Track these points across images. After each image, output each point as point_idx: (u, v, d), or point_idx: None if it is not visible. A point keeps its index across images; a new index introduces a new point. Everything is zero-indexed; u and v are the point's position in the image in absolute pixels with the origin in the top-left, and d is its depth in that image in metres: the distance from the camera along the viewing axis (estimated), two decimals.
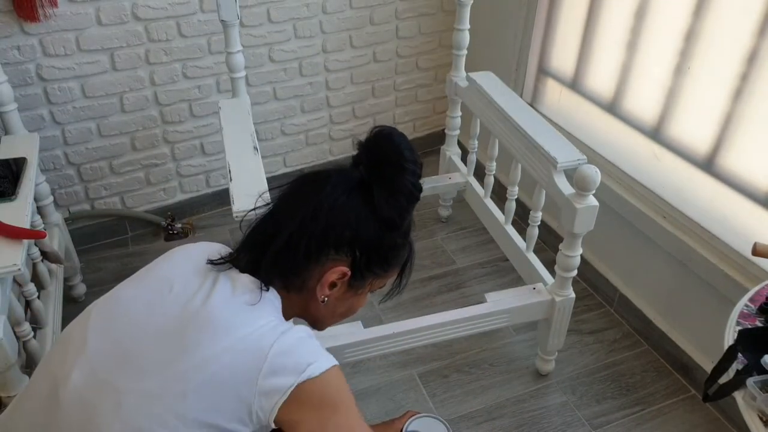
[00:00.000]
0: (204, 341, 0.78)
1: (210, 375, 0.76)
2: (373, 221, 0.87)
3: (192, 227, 2.28)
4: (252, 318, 0.81)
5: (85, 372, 0.79)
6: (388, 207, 0.87)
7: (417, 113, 2.61)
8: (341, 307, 0.96)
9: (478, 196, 2.01)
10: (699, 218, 1.60)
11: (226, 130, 1.49)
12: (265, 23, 2.09)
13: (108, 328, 0.83)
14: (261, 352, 0.78)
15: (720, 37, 1.45)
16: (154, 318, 0.82)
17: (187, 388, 0.75)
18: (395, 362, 1.76)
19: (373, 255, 0.89)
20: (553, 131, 1.55)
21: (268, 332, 0.80)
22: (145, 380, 0.77)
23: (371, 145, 0.90)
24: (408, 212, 0.90)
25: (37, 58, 1.83)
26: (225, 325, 0.80)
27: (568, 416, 1.62)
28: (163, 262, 0.92)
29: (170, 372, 0.76)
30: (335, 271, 0.87)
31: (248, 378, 0.76)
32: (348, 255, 0.88)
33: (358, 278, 0.91)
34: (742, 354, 0.95)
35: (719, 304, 1.54)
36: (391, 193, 0.87)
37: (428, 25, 2.39)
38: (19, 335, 1.38)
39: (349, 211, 0.86)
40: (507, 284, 2.01)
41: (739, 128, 1.46)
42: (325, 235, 0.85)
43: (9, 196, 1.41)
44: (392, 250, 0.92)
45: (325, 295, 0.90)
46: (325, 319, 0.98)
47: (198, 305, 0.81)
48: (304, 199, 0.87)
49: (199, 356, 0.77)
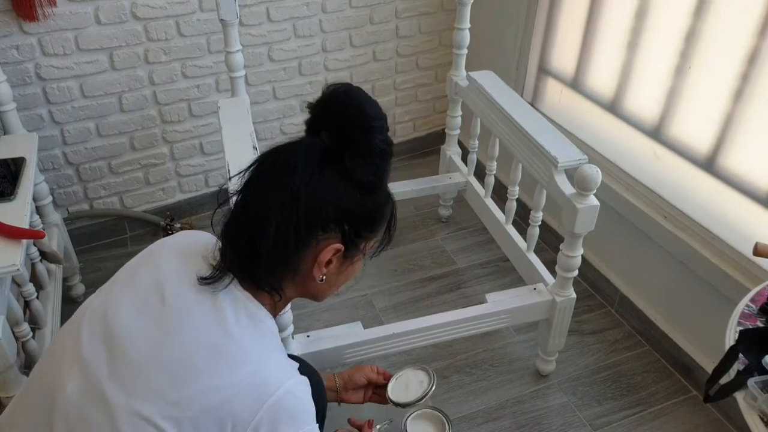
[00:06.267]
0: (207, 370, 0.76)
1: (209, 406, 0.74)
2: (353, 191, 0.83)
3: (191, 227, 2.27)
4: (258, 351, 0.79)
5: (80, 382, 0.77)
6: (364, 172, 0.82)
7: (417, 112, 2.60)
8: (341, 278, 0.93)
9: (478, 196, 2.01)
10: (700, 218, 1.60)
11: (225, 129, 1.48)
12: (264, 22, 2.09)
13: (102, 336, 0.80)
14: (263, 396, 0.76)
15: (720, 37, 1.45)
16: (148, 333, 0.79)
17: (183, 416, 0.73)
18: (395, 363, 1.75)
19: (360, 223, 0.86)
20: (553, 131, 1.55)
21: (275, 374, 0.78)
22: (140, 401, 0.74)
23: (330, 108, 0.84)
24: (385, 171, 0.85)
25: (36, 58, 1.83)
26: (232, 357, 0.77)
27: (568, 417, 1.62)
28: (146, 263, 0.88)
29: (168, 397, 0.74)
30: (329, 250, 0.84)
31: (243, 419, 0.74)
32: (337, 231, 0.84)
33: (352, 248, 0.87)
34: (743, 354, 0.94)
35: (720, 304, 1.53)
36: (364, 158, 0.82)
37: (428, 24, 2.39)
38: (17, 335, 1.38)
39: (327, 187, 0.81)
40: (507, 284, 2.00)
41: (740, 128, 1.45)
42: (309, 219, 0.81)
43: (8, 196, 1.40)
44: (376, 210, 0.89)
45: (323, 275, 0.87)
46: (324, 292, 0.95)
47: (201, 327, 0.79)
48: (275, 186, 0.81)
49: (200, 385, 0.75)
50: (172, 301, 0.81)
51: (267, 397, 0.75)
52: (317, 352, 1.40)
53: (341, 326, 1.46)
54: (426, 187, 2.09)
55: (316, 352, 1.40)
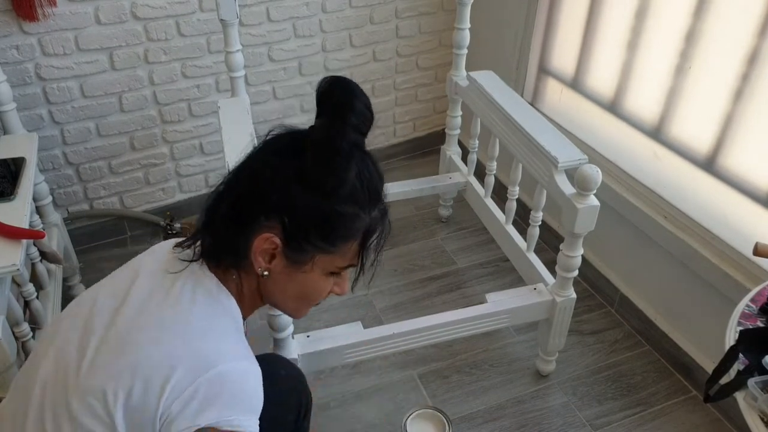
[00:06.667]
0: (150, 340, 0.75)
1: (149, 374, 0.73)
2: (299, 184, 0.77)
3: (191, 227, 2.27)
4: (207, 327, 0.78)
5: (50, 368, 0.78)
6: (317, 168, 0.76)
7: (417, 113, 2.60)
8: (292, 287, 0.85)
9: (478, 196, 2.01)
10: (700, 218, 1.59)
11: (225, 129, 1.48)
12: (264, 22, 2.09)
13: (81, 325, 0.81)
14: (201, 368, 0.73)
15: (721, 37, 1.45)
16: (111, 313, 0.79)
17: (126, 384, 0.72)
18: (395, 363, 1.76)
19: (306, 223, 0.78)
20: (553, 131, 1.55)
21: (220, 350, 0.76)
22: (89, 378, 0.74)
23: (319, 96, 0.80)
24: (343, 174, 0.76)
25: (36, 58, 1.83)
26: (178, 329, 0.77)
27: (569, 417, 1.62)
28: (139, 257, 0.90)
29: (112, 368, 0.74)
30: (263, 238, 0.78)
31: (178, 388, 0.72)
32: (278, 222, 0.78)
33: (295, 249, 0.80)
34: (743, 354, 0.94)
35: (720, 304, 1.53)
36: (320, 151, 0.76)
37: (428, 24, 2.39)
38: (17, 335, 1.38)
39: (276, 171, 0.77)
40: (507, 284, 2.00)
41: (740, 128, 1.45)
42: (247, 198, 0.78)
43: (8, 196, 1.40)
44: (333, 220, 0.79)
45: (262, 268, 0.81)
46: (282, 301, 0.89)
47: (157, 301, 0.79)
48: (237, 165, 0.81)
49: (143, 354, 0.74)
50: (139, 283, 0.82)
51: (205, 370, 0.73)
52: (317, 352, 1.40)
53: (341, 326, 1.46)
54: (426, 187, 2.09)
55: (316, 352, 1.39)
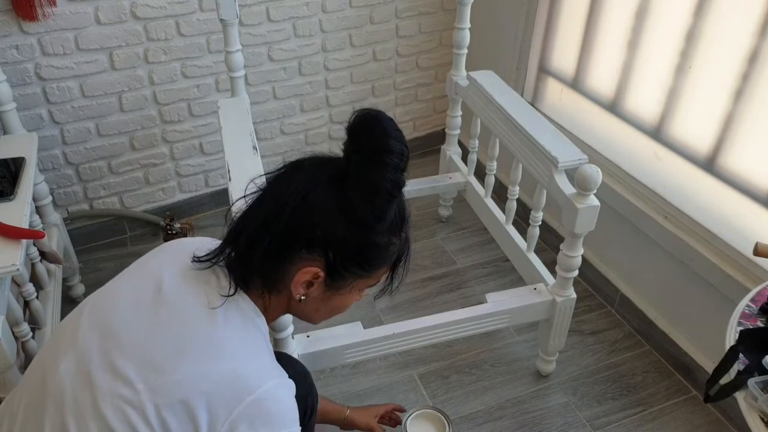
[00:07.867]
0: (188, 361, 0.75)
1: (186, 396, 0.73)
2: (344, 221, 0.79)
3: (191, 227, 2.27)
4: (243, 348, 0.79)
5: (72, 364, 0.78)
6: (361, 206, 0.78)
7: (417, 112, 2.60)
8: (326, 306, 0.90)
9: (478, 196, 2.01)
10: (700, 218, 1.59)
11: (225, 129, 1.48)
12: (264, 22, 2.09)
13: (98, 324, 0.81)
14: (243, 393, 0.74)
15: (721, 37, 1.45)
16: (140, 322, 0.79)
17: (162, 402, 0.73)
18: (395, 363, 1.75)
19: (349, 256, 0.82)
20: (554, 130, 1.55)
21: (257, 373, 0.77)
22: (123, 386, 0.74)
23: (352, 131, 0.81)
24: (385, 212, 0.80)
25: (35, 58, 1.83)
26: (215, 350, 0.77)
27: (569, 417, 1.62)
28: (154, 258, 0.90)
29: (149, 383, 0.74)
30: (306, 272, 0.81)
31: (220, 414, 0.73)
32: (320, 255, 0.81)
33: (337, 278, 0.84)
34: (743, 354, 0.94)
35: (720, 304, 1.53)
36: (365, 192, 0.78)
37: (428, 24, 2.38)
38: (17, 335, 1.38)
39: (319, 207, 0.79)
40: (508, 284, 2.00)
41: (740, 128, 1.45)
42: (290, 233, 0.79)
43: (7, 196, 1.40)
44: (372, 250, 0.83)
45: (301, 295, 0.84)
46: (310, 316, 0.93)
47: (190, 319, 0.79)
48: (276, 194, 0.81)
49: (181, 374, 0.74)
50: (168, 293, 0.82)
51: (246, 394, 0.74)
52: (317, 352, 1.40)
53: (341, 326, 1.46)
54: (426, 187, 2.08)
55: (316, 352, 1.39)
